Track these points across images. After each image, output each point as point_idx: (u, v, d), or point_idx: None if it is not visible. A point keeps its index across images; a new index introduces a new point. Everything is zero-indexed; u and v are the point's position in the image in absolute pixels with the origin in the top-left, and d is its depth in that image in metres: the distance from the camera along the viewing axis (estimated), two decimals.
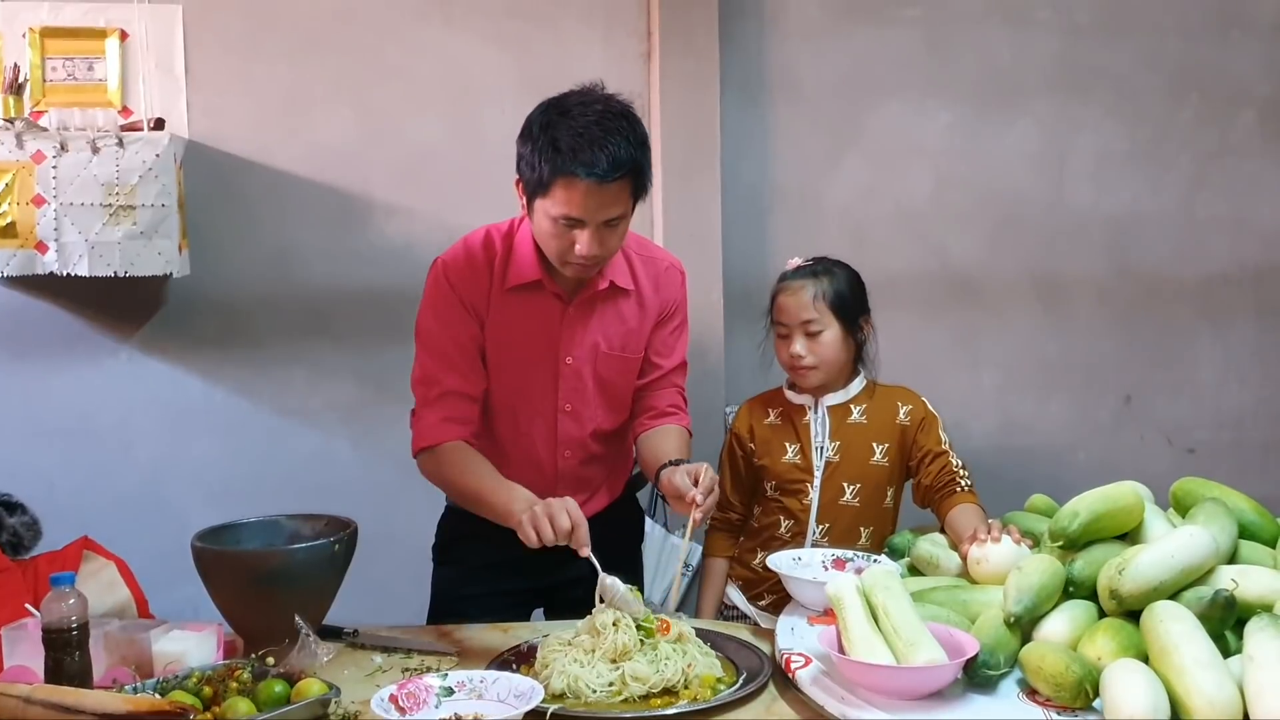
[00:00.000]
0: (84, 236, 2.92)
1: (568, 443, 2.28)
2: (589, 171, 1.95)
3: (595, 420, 2.29)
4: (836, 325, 2.37)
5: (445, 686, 1.71)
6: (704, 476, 2.05)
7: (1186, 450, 3.74)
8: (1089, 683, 1.58)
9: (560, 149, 1.96)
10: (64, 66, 3.16)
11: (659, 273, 2.31)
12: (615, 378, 2.29)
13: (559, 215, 2.01)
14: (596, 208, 2.00)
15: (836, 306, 2.37)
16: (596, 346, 2.23)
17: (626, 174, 2.00)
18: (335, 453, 3.36)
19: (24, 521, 2.66)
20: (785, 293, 2.41)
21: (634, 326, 2.27)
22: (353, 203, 3.32)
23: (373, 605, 2.32)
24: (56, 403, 3.25)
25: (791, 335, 2.38)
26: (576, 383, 2.24)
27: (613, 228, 2.05)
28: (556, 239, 2.05)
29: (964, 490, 2.32)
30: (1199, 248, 3.68)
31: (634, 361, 2.30)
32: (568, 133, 1.97)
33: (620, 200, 2.03)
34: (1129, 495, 1.94)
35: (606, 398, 2.29)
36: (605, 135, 1.97)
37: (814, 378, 2.39)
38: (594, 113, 2.00)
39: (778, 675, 1.83)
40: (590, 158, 1.95)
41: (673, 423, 2.34)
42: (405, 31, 3.31)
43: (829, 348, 2.37)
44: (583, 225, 2.02)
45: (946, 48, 3.52)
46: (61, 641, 1.73)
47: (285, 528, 2.13)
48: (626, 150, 1.98)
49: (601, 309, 2.23)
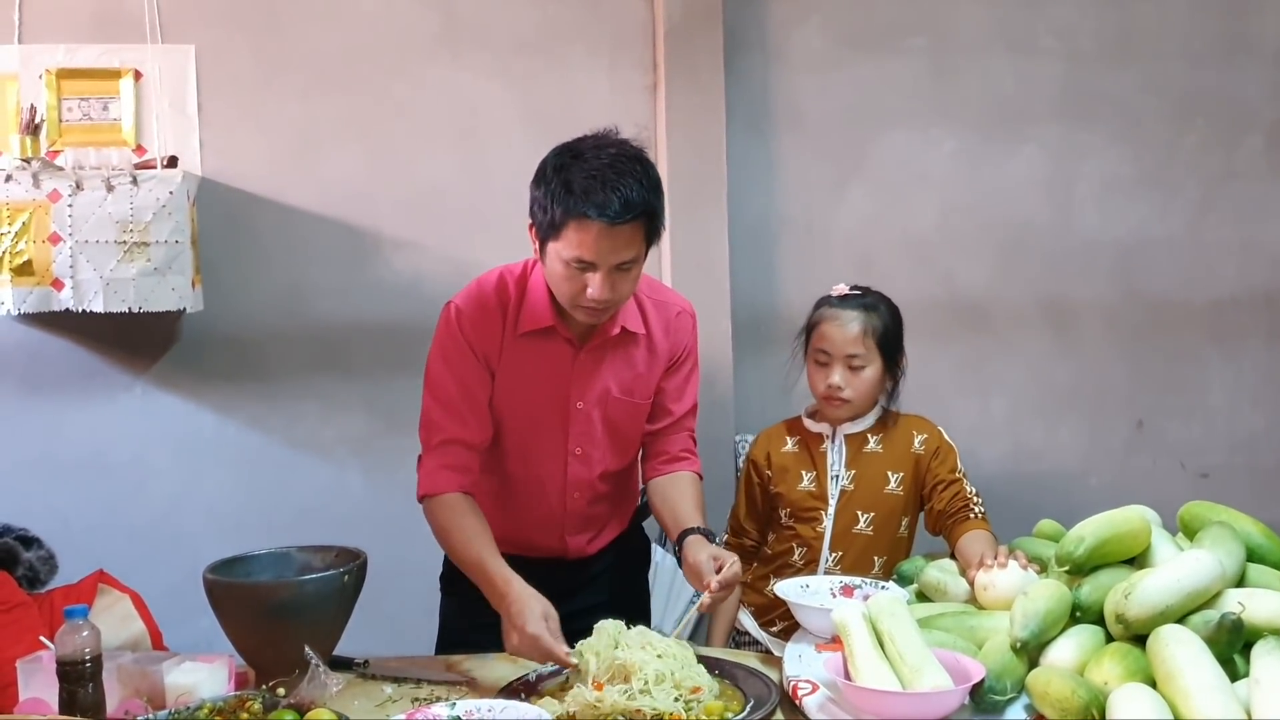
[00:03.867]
0: (99, 273, 2.96)
1: (577, 485, 2.28)
2: (600, 213, 1.94)
3: (604, 463, 2.30)
4: (879, 362, 2.39)
5: (454, 716, 1.71)
6: (727, 569, 2.00)
7: (1200, 475, 3.72)
8: (1095, 707, 1.58)
9: (573, 190, 1.96)
10: (79, 107, 3.22)
11: (670, 318, 2.30)
12: (624, 421, 2.29)
13: (571, 258, 2.00)
14: (609, 250, 1.99)
15: (882, 343, 2.38)
16: (607, 391, 2.23)
17: (639, 216, 1.99)
18: (347, 485, 3.38)
19: (40, 556, 2.69)
20: (832, 322, 2.40)
21: (643, 371, 2.27)
22: (363, 238, 3.35)
23: (383, 636, 2.33)
24: (71, 437, 3.28)
25: (832, 365, 2.38)
26: (586, 426, 2.24)
27: (625, 272, 2.04)
28: (568, 282, 2.04)
29: (976, 517, 2.31)
30: (1207, 272, 3.68)
31: (643, 406, 2.30)
32: (581, 174, 1.97)
33: (633, 244, 2.01)
34: (1135, 520, 1.94)
35: (615, 441, 2.29)
36: (618, 177, 1.97)
37: (846, 410, 2.40)
38: (607, 156, 2.00)
39: (785, 702, 1.83)
40: (603, 199, 1.95)
41: (685, 469, 2.34)
42: (413, 69, 3.35)
43: (867, 383, 2.38)
44: (594, 269, 2.01)
45: (950, 76, 3.55)
46: (76, 674, 1.75)
47: (296, 559, 2.15)
48: (639, 193, 1.98)
49: (612, 354, 2.23)
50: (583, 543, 2.36)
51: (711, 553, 2.05)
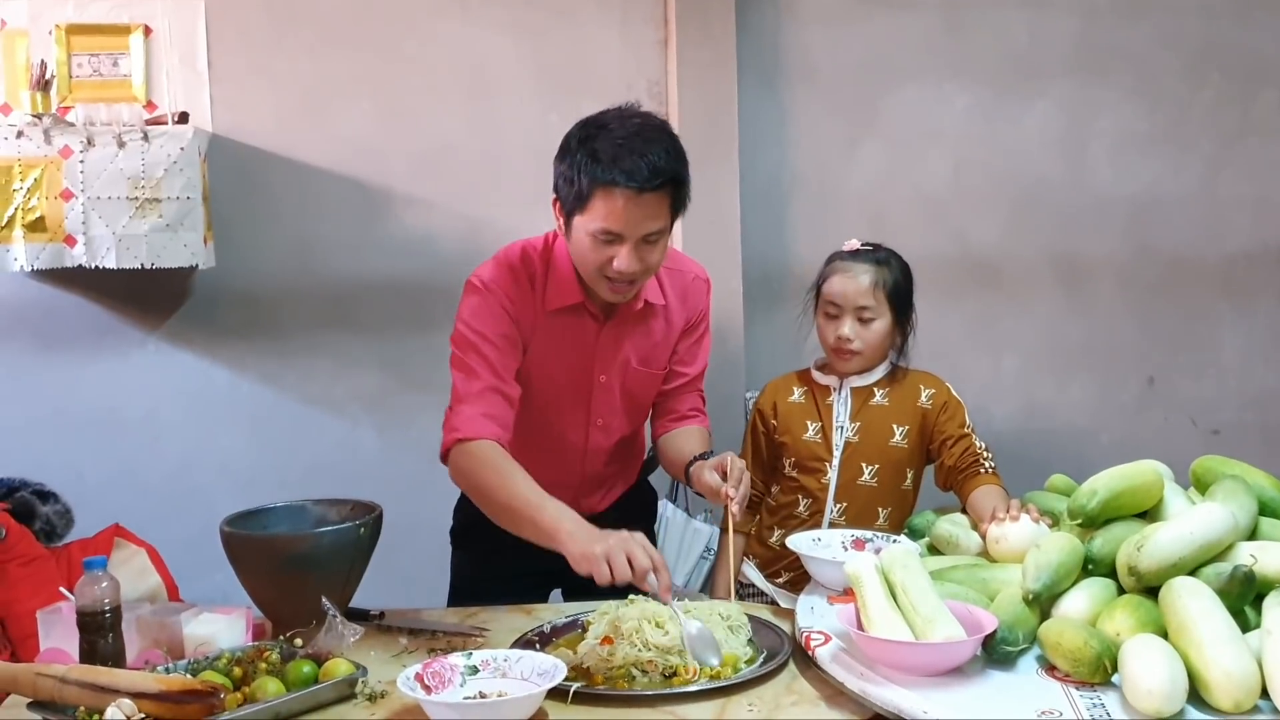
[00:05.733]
0: (111, 230, 2.96)
1: (596, 452, 2.31)
2: (629, 179, 1.93)
3: (621, 430, 2.33)
4: (889, 315, 2.39)
5: (470, 665, 1.73)
6: (732, 468, 2.07)
7: (1211, 431, 3.72)
8: (1107, 658, 1.59)
9: (599, 159, 1.95)
10: (89, 62, 3.20)
11: (686, 284, 2.31)
12: (641, 391, 2.31)
13: (598, 230, 1.99)
14: (637, 219, 1.98)
15: (893, 297, 2.39)
16: (628, 363, 2.25)
17: (666, 183, 1.98)
18: (359, 440, 3.40)
19: (56, 510, 2.71)
20: (842, 274, 2.40)
21: (659, 340, 2.28)
22: (374, 194, 3.35)
23: (396, 589, 2.35)
24: (85, 394, 3.30)
25: (842, 317, 2.39)
26: (607, 398, 2.26)
27: (652, 244, 2.03)
28: (595, 254, 2.02)
29: (987, 472, 2.33)
30: (1221, 228, 3.66)
31: (659, 375, 2.32)
32: (607, 143, 1.96)
33: (659, 214, 2.00)
34: (1148, 473, 1.94)
35: (630, 410, 2.32)
36: (645, 145, 1.96)
37: (856, 362, 2.41)
38: (633, 125, 1.99)
39: (798, 653, 1.85)
40: (630, 164, 1.94)
41: (693, 424, 2.38)
42: (423, 24, 3.33)
43: (877, 336, 2.39)
44: (622, 240, 2.00)
45: (964, 31, 3.51)
46: (95, 624, 1.77)
47: (312, 513, 2.16)
48: (667, 160, 1.97)
49: (634, 327, 2.24)
50: (594, 501, 2.38)
51: (713, 464, 2.10)
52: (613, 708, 1.69)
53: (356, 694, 1.74)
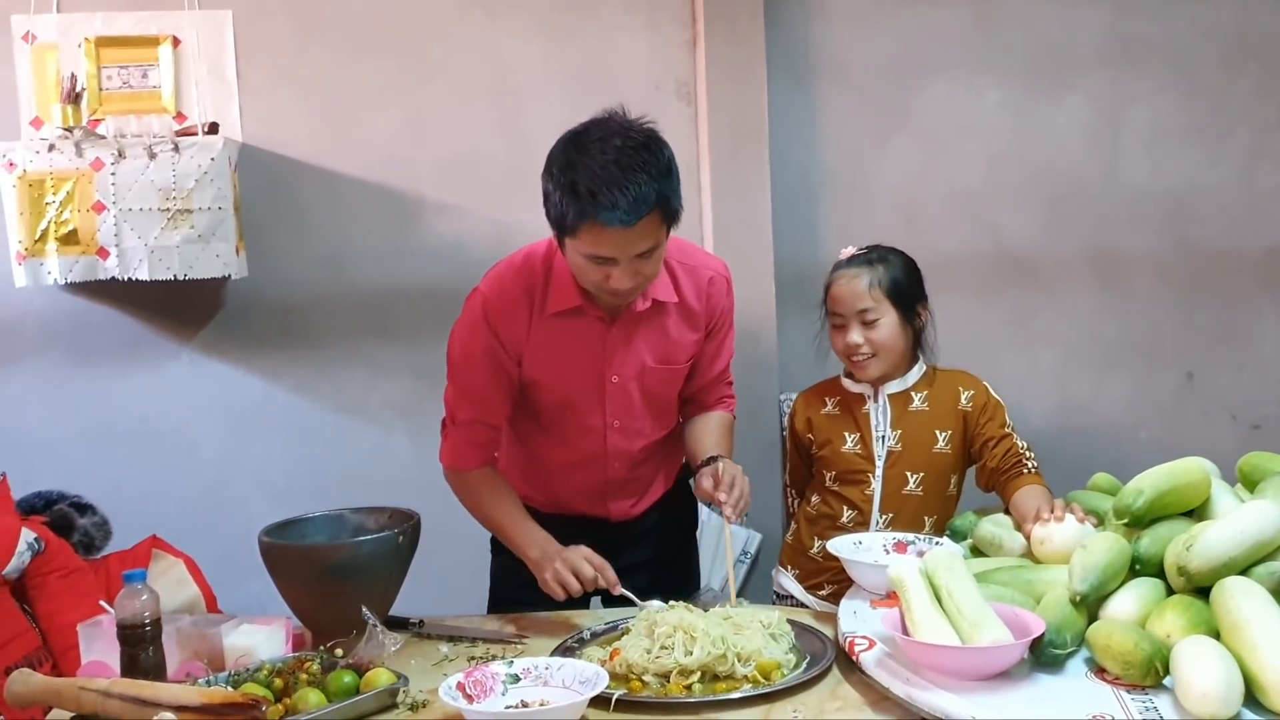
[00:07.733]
0: (143, 241, 2.97)
1: (617, 455, 2.28)
2: (611, 216, 1.89)
3: (644, 434, 2.29)
4: (893, 313, 2.34)
5: (511, 674, 1.72)
6: (723, 473, 2.11)
7: (1252, 426, 3.67)
8: (1159, 660, 1.56)
9: (579, 194, 1.90)
10: (119, 74, 3.22)
11: (703, 283, 2.25)
12: (662, 390, 2.28)
13: (589, 254, 1.97)
14: (627, 244, 1.95)
15: (892, 293, 2.34)
16: (643, 363, 2.21)
17: (652, 210, 1.93)
18: (394, 448, 3.40)
19: (95, 522, 2.73)
20: (839, 282, 2.37)
21: (676, 337, 2.24)
22: (403, 201, 3.35)
23: (434, 597, 2.35)
24: (121, 406, 3.32)
25: (847, 325, 2.35)
26: (624, 399, 2.23)
27: (646, 258, 2.00)
28: (590, 273, 2.01)
29: (1030, 472, 2.28)
30: (1260, 220, 3.60)
31: (680, 371, 2.28)
32: (586, 175, 1.90)
33: (650, 234, 1.96)
34: (1195, 471, 1.92)
35: (654, 410, 2.28)
36: (624, 174, 1.89)
37: (873, 367, 2.35)
38: (612, 149, 1.91)
39: (841, 659, 1.83)
40: (610, 200, 1.88)
41: (717, 410, 2.36)
42: (449, 30, 3.33)
43: (886, 335, 2.33)
44: (615, 263, 1.97)
45: (994, 24, 3.48)
46: (136, 637, 1.78)
47: (350, 521, 2.17)
48: (648, 185, 1.91)
49: (645, 327, 2.20)
50: (626, 507, 2.36)
51: (707, 473, 2.15)
52: (656, 714, 1.68)
53: (398, 703, 1.74)
